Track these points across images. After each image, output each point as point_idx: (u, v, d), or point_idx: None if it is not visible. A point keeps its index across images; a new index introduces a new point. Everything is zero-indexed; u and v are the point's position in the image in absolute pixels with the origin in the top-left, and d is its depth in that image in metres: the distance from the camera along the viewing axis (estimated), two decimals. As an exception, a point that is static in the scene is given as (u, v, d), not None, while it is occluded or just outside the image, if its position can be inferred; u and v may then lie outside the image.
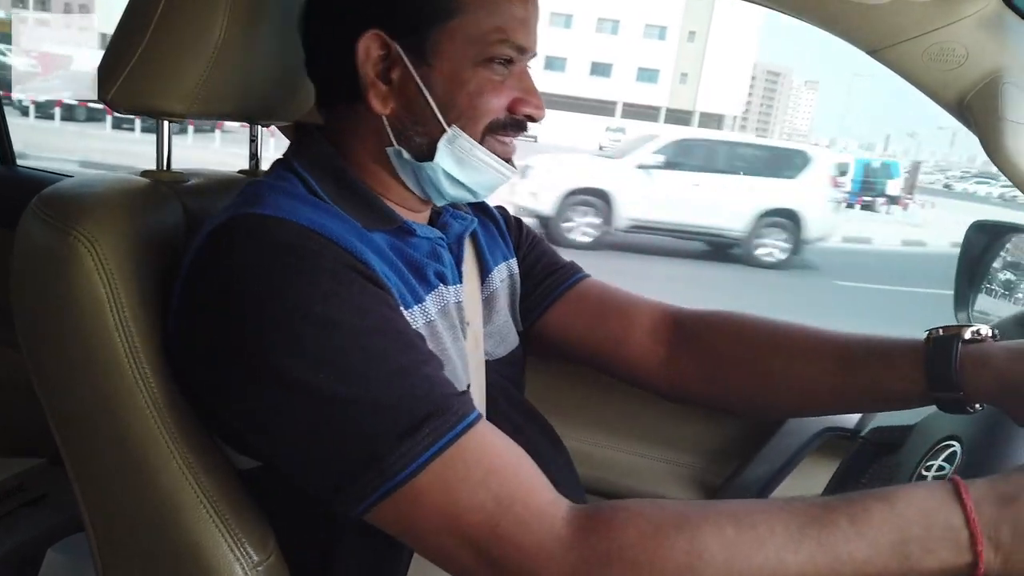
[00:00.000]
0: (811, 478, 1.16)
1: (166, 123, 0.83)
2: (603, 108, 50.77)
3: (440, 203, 0.85)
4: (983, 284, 1.07)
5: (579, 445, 1.28)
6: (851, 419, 1.16)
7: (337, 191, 0.77)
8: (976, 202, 30.84)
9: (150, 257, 0.73)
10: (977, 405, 0.75)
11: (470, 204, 0.96)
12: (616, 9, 53.07)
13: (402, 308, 0.71)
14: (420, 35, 0.73)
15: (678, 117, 55.36)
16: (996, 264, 1.08)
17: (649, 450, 1.35)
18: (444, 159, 0.76)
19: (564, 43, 51.47)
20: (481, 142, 0.77)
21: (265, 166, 0.92)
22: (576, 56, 52.82)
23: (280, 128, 1.05)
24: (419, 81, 0.74)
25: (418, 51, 0.74)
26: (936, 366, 0.75)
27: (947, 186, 47.98)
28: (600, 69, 54.36)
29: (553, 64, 52.29)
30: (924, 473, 0.82)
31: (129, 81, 0.77)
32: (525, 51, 0.77)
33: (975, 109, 0.96)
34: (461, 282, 0.86)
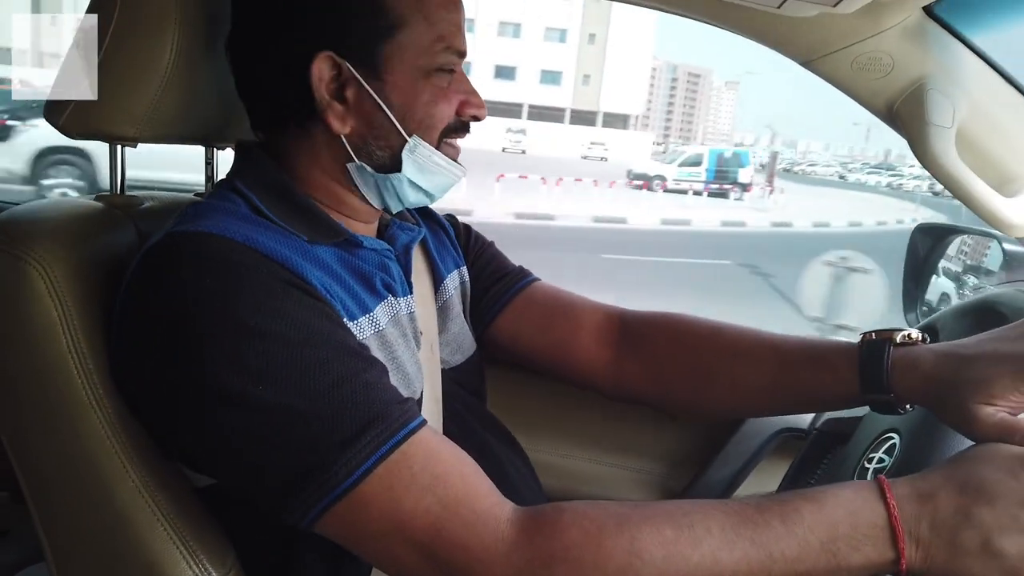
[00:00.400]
0: (770, 478, 1.18)
1: (119, 147, 0.85)
2: (510, 111, 51.39)
3: (397, 209, 0.85)
4: (928, 285, 1.12)
5: (542, 455, 1.28)
6: (806, 419, 1.18)
7: (282, 208, 0.76)
8: (860, 190, 32.75)
9: (103, 280, 0.73)
10: (908, 406, 0.77)
11: (420, 213, 0.98)
12: (517, 13, 53.60)
13: (347, 320, 0.72)
14: (370, 52, 0.75)
15: (582, 118, 56.76)
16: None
17: (611, 458, 1.35)
18: (408, 168, 0.78)
19: (468, 47, 50.97)
20: (437, 147, 0.79)
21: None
22: (480, 60, 52.68)
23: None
24: (375, 97, 0.75)
25: (370, 68, 0.75)
26: (868, 369, 0.78)
27: (842, 176, 50.71)
28: (504, 72, 54.68)
29: (458, 68, 52.51)
30: (867, 466, 0.84)
31: (80, 106, 0.78)
32: (463, 55, 0.80)
33: (903, 115, 1.00)
34: (411, 293, 0.86)
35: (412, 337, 0.83)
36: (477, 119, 0.83)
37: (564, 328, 1.00)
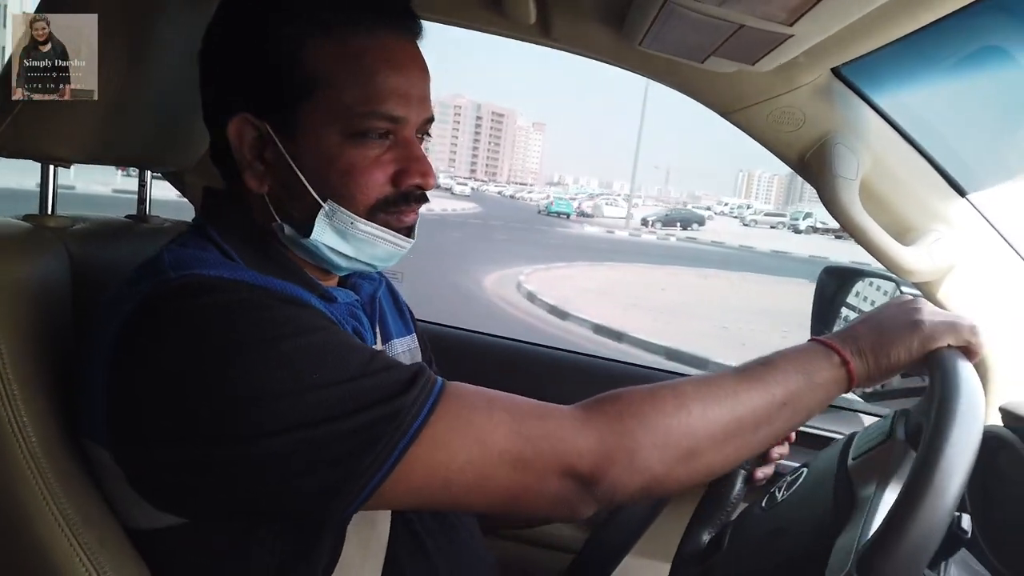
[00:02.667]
0: (686, 508, 1.22)
1: (51, 168, 0.83)
2: None
3: (341, 273, 0.84)
4: (835, 325, 1.19)
5: None
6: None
7: (256, 259, 0.75)
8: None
9: (30, 304, 0.71)
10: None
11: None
12: None
13: None
14: (285, 113, 0.73)
15: None
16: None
17: None
18: (323, 234, 0.76)
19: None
20: (372, 219, 0.76)
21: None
22: None
23: (167, 176, 1.02)
24: (288, 159, 0.74)
25: (286, 128, 0.74)
26: None
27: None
28: None
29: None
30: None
31: (15, 126, 0.76)
32: (402, 120, 0.76)
33: (813, 166, 1.08)
34: (376, 342, 0.86)
35: None
36: (422, 188, 0.79)
37: None
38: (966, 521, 0.62)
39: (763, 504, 0.87)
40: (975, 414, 0.64)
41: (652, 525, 1.40)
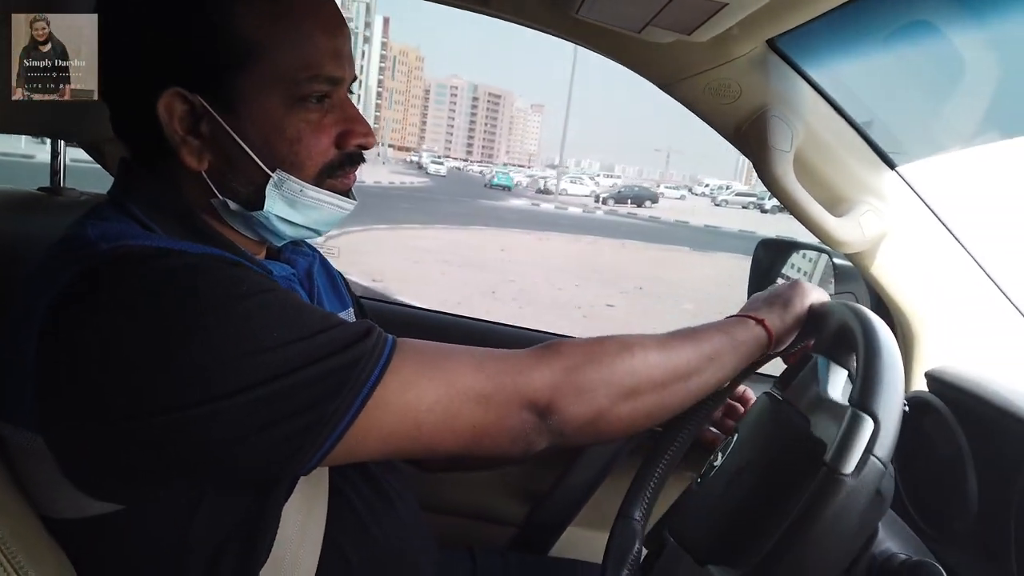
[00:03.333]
0: (626, 476, 1.23)
1: None
2: None
3: (279, 244, 0.82)
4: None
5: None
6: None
7: (184, 234, 0.72)
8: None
9: None
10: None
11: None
12: None
13: None
14: (221, 85, 0.70)
15: None
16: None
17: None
18: (274, 204, 0.74)
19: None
20: (320, 185, 0.75)
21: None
22: None
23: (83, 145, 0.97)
24: (231, 132, 0.71)
25: (223, 101, 0.71)
26: None
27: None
28: None
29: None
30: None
31: None
32: (340, 81, 0.75)
33: (749, 138, 1.08)
34: None
35: None
36: (364, 148, 0.78)
37: None
38: None
39: (698, 480, 0.88)
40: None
41: (592, 496, 1.42)
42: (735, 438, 0.88)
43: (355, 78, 0.79)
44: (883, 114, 1.15)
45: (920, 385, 1.03)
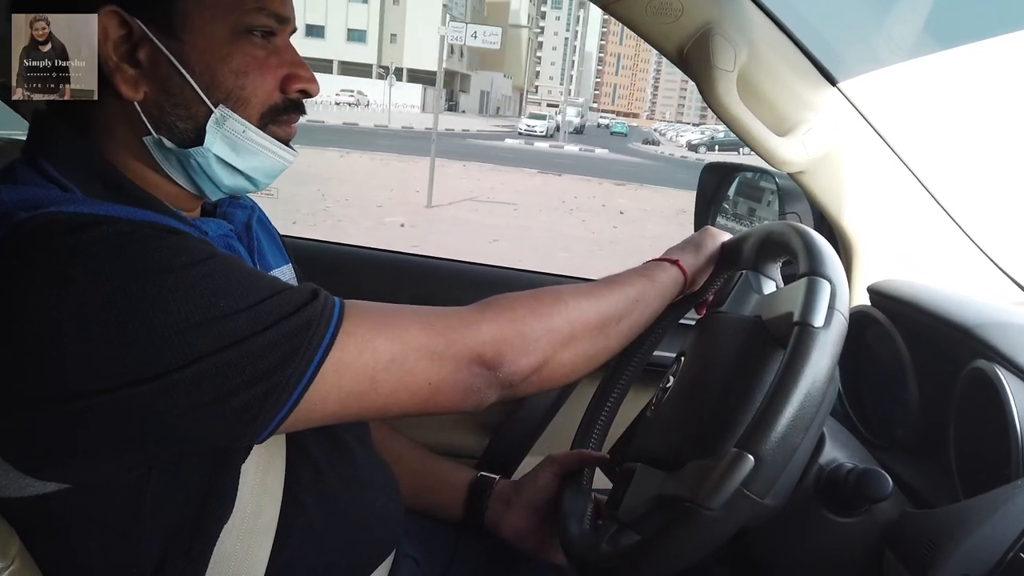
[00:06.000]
0: (580, 406, 1.25)
1: None
2: (323, 66, 53.98)
3: (215, 197, 0.77)
4: (717, 218, 1.21)
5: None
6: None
7: (107, 194, 0.67)
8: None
9: None
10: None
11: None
12: None
13: None
14: (165, 7, 0.66)
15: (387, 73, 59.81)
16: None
17: (423, 431, 1.38)
18: (215, 143, 0.70)
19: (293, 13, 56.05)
20: (263, 129, 0.73)
21: None
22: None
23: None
24: (172, 59, 0.67)
25: (165, 25, 0.67)
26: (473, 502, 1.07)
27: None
28: (314, 31, 58.12)
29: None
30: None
31: None
32: (285, 20, 0.72)
33: (691, 58, 1.06)
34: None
35: None
36: (308, 95, 0.75)
37: None
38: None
39: (652, 406, 0.89)
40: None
41: (549, 424, 1.44)
42: (682, 360, 0.89)
43: (295, 28, 0.76)
44: (824, 30, 1.13)
45: (863, 300, 1.05)
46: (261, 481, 0.74)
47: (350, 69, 56.59)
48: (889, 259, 1.11)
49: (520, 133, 35.62)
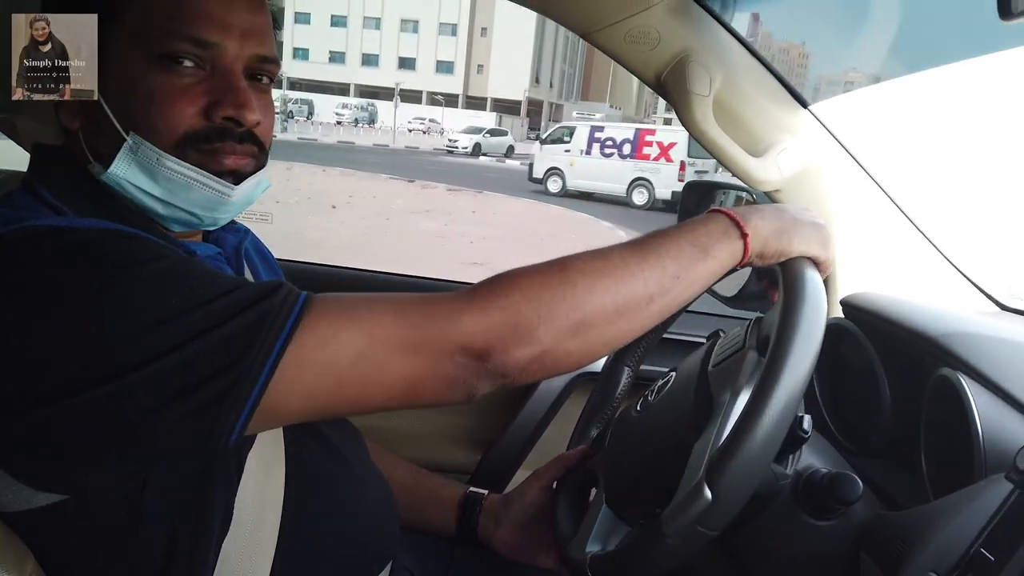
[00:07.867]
0: (569, 419, 1.28)
1: None
2: (412, 97, 56.21)
3: (169, 225, 0.78)
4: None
5: (365, 420, 1.30)
6: (599, 364, 1.28)
7: (99, 215, 0.70)
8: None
9: None
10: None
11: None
12: (415, 9, 61.81)
13: None
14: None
15: (474, 103, 63.41)
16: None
17: (426, 418, 1.43)
18: (127, 170, 0.71)
19: (374, 42, 62.99)
20: (183, 157, 0.72)
21: None
22: (385, 53, 63.31)
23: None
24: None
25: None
26: (465, 517, 1.08)
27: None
28: (406, 63, 62.99)
29: (369, 60, 63.46)
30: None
31: None
32: (207, 44, 0.71)
33: (669, 84, 1.11)
34: None
35: None
36: (237, 123, 0.73)
37: None
38: (807, 422, 0.68)
39: (638, 407, 0.92)
40: (817, 326, 0.67)
41: (541, 437, 1.48)
42: (672, 379, 0.91)
43: (264, 59, 0.76)
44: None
45: (837, 313, 1.10)
46: (260, 494, 0.75)
47: (436, 99, 58.16)
48: (861, 272, 1.16)
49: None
